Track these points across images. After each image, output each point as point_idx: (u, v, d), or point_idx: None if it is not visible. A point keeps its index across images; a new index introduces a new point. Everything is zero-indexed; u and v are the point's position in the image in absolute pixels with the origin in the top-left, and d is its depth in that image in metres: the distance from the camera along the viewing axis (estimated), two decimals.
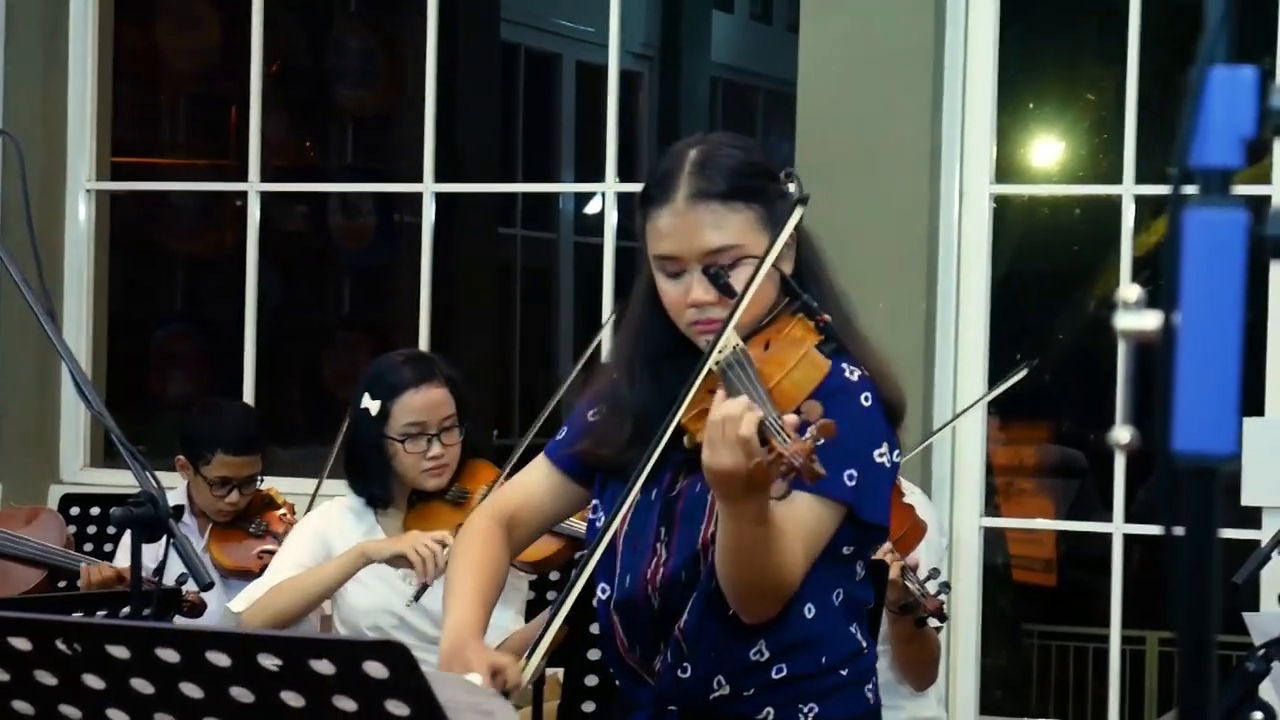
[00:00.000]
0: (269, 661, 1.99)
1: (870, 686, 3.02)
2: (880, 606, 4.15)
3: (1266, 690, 3.60)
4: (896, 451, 2.97)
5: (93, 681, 2.09)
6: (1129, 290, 1.17)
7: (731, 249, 2.88)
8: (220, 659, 2.01)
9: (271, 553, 4.88)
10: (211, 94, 10.74)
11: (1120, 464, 5.57)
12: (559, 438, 3.12)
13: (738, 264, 2.88)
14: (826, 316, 2.89)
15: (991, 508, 5.96)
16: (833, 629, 2.95)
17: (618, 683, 3.08)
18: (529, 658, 2.79)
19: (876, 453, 2.91)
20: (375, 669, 1.96)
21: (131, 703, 2.08)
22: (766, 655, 2.90)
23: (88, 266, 6.58)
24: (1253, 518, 5.24)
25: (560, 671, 4.06)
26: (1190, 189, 1.12)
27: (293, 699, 2.01)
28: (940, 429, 5.34)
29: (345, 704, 2.00)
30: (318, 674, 1.98)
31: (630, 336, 3.05)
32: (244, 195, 6.65)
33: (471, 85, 11.37)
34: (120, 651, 2.05)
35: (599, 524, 2.98)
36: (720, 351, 2.75)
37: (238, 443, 4.94)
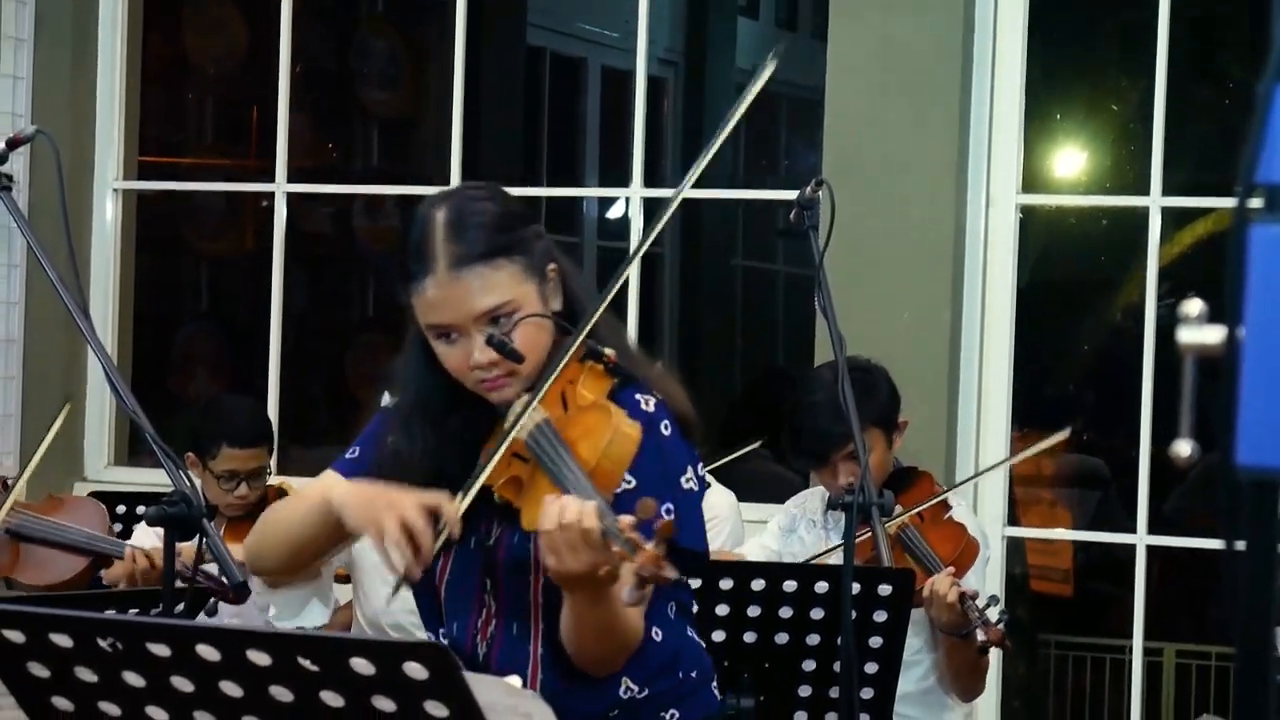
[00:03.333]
0: (309, 661, 2.00)
1: (714, 684, 3.06)
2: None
3: None
4: (700, 465, 2.96)
5: (133, 679, 2.10)
6: (1191, 304, 1.18)
7: (505, 305, 2.85)
8: (261, 658, 2.02)
9: None
10: (237, 95, 10.76)
11: (1144, 476, 5.56)
12: (350, 456, 3.05)
13: (516, 323, 2.85)
14: (612, 354, 2.87)
15: (1012, 518, 5.95)
16: (680, 642, 2.98)
17: None
18: (463, 496, 2.77)
19: (684, 479, 2.91)
20: (415, 670, 1.97)
21: (171, 700, 2.09)
22: (635, 689, 2.93)
23: (114, 265, 6.60)
24: None
25: None
26: (1255, 203, 1.13)
27: (332, 699, 2.02)
28: (962, 483, 5.27)
29: (384, 704, 2.00)
30: (357, 674, 1.99)
31: (405, 394, 3.00)
32: (269, 196, 6.67)
33: (496, 89, 11.37)
34: (161, 649, 2.06)
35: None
36: (520, 424, 2.75)
37: (241, 435, 4.99)
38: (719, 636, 3.94)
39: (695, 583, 3.63)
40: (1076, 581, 8.51)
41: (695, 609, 3.13)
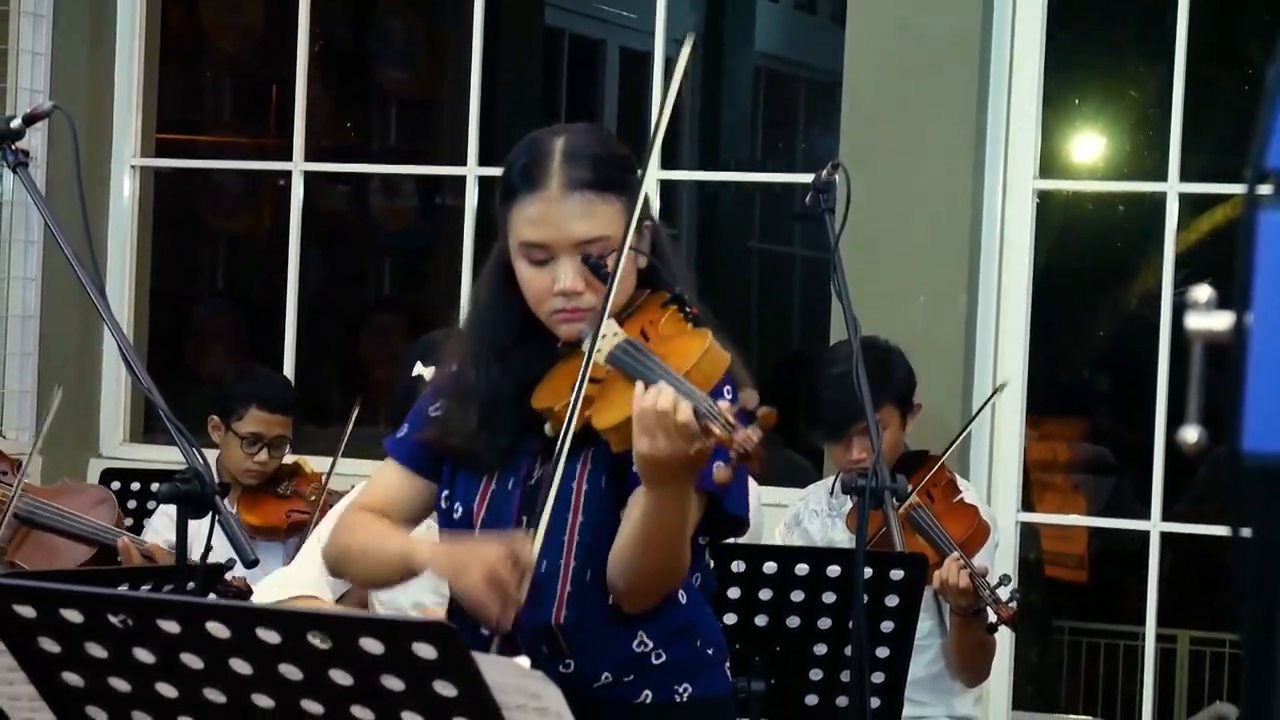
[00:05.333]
0: (318, 639, 2.00)
1: (727, 665, 3.08)
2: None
3: None
4: None
5: (143, 655, 2.10)
6: (1199, 290, 1.17)
7: (600, 240, 2.88)
8: (270, 636, 2.02)
9: (301, 512, 4.92)
10: (256, 73, 10.76)
11: (1159, 463, 5.55)
12: (399, 435, 3.11)
13: (604, 256, 2.88)
14: (696, 310, 2.90)
15: (1026, 503, 5.94)
16: (701, 612, 3.02)
17: None
18: (534, 531, 2.79)
19: None
20: (424, 649, 1.97)
21: (181, 677, 2.10)
22: (650, 645, 2.94)
23: (131, 242, 6.61)
24: None
25: None
26: (1264, 189, 1.12)
27: (341, 677, 2.02)
28: (948, 450, 5.30)
29: (393, 683, 2.01)
30: (366, 653, 1.99)
31: (476, 326, 3.05)
32: (286, 174, 6.67)
33: (514, 69, 11.37)
34: (171, 626, 2.06)
35: (456, 514, 2.99)
36: (603, 338, 2.76)
37: (272, 400, 5.06)
38: (731, 619, 3.95)
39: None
40: (1091, 568, 8.51)
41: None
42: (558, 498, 2.87)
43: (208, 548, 3.09)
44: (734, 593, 3.96)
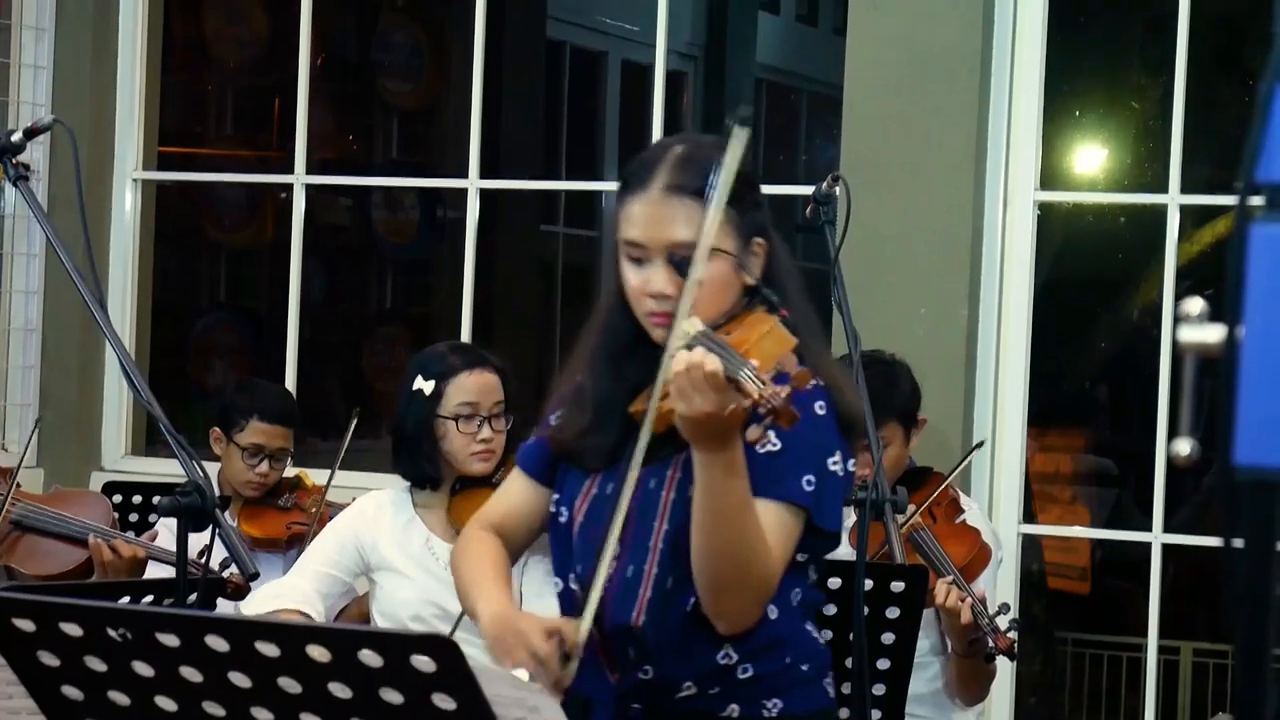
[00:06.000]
0: (317, 652, 2.00)
1: (828, 681, 3.07)
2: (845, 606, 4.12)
3: None
4: (851, 461, 3.00)
5: (142, 669, 2.10)
6: (1191, 303, 1.18)
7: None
8: (269, 649, 2.02)
9: (302, 524, 4.92)
10: (258, 86, 10.78)
11: (1160, 474, 5.55)
12: (527, 444, 3.16)
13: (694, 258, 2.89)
14: (785, 311, 2.91)
15: (1028, 515, 5.94)
16: (795, 629, 3.00)
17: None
18: (581, 618, 2.81)
19: (830, 460, 2.94)
20: (423, 662, 1.97)
21: (180, 691, 2.10)
22: (735, 658, 2.94)
23: (133, 255, 6.61)
24: None
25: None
26: (1256, 202, 1.13)
27: (340, 690, 2.02)
28: (953, 471, 5.30)
29: (392, 696, 2.00)
30: (366, 666, 1.99)
31: (595, 329, 3.08)
32: (288, 187, 6.68)
33: (516, 82, 11.38)
34: (170, 640, 2.06)
35: (561, 518, 3.02)
36: (686, 335, 2.77)
37: (274, 412, 5.06)
38: None
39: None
40: (1094, 579, 8.51)
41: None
42: (645, 503, 2.91)
43: (207, 561, 3.10)
44: None
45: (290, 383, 6.38)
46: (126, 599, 3.50)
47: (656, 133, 6.10)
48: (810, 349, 2.94)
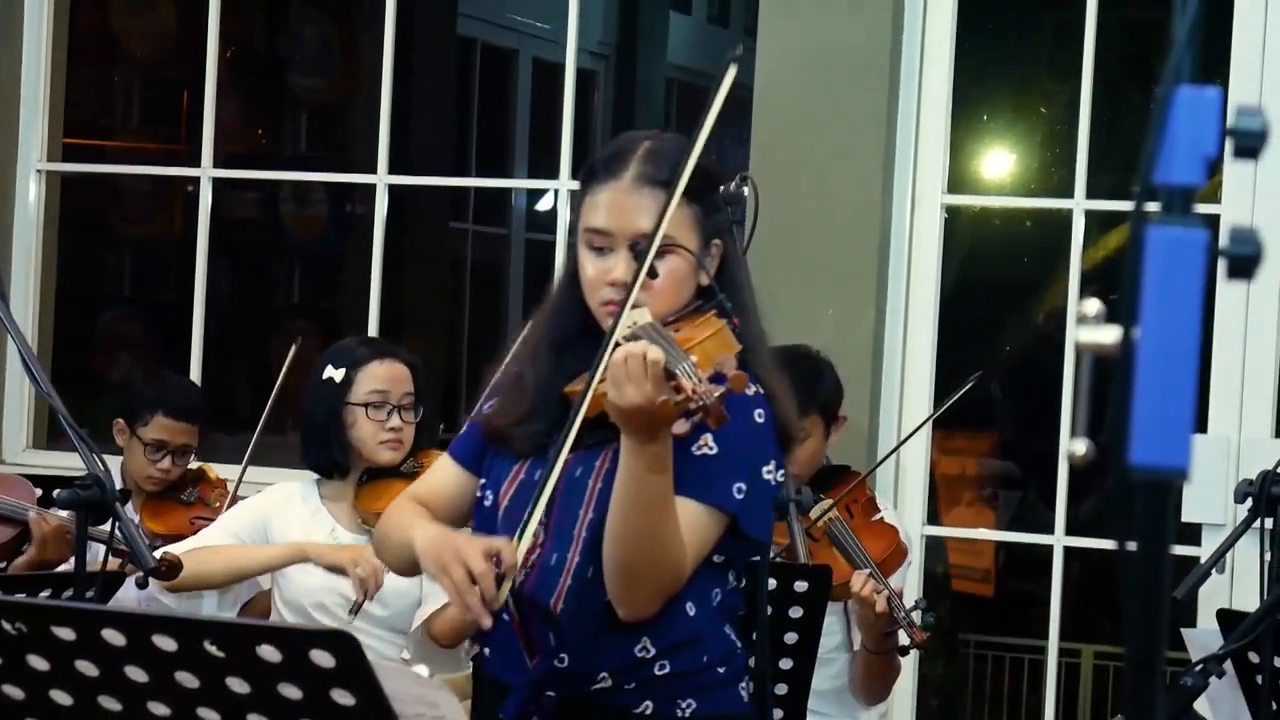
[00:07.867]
0: (215, 647, 1.99)
1: (744, 685, 3.08)
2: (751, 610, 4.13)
3: (1202, 706, 3.63)
4: (782, 471, 3.02)
5: (37, 663, 2.08)
6: (1088, 304, 1.18)
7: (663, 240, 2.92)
8: (166, 643, 2.01)
9: (205, 519, 4.90)
10: (166, 78, 10.71)
11: (1063, 476, 5.59)
12: (460, 434, 3.18)
13: (664, 255, 2.93)
14: (737, 321, 2.93)
15: (933, 516, 5.97)
16: (713, 629, 3.01)
17: (485, 670, 3.09)
18: (519, 537, 2.83)
19: (765, 469, 2.97)
20: (322, 658, 1.96)
21: (77, 685, 2.08)
22: (652, 652, 2.95)
23: (36, 246, 6.55)
24: (1193, 534, 5.27)
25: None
26: (1152, 206, 1.13)
27: (238, 685, 2.01)
28: (891, 452, 5.32)
29: (291, 692, 2.00)
30: (264, 661, 1.98)
31: (541, 319, 3.12)
32: (195, 180, 6.63)
33: (427, 78, 11.35)
34: (66, 633, 2.04)
35: (486, 502, 3.04)
36: (632, 326, 2.80)
37: (178, 408, 5.04)
38: None
39: None
40: (997, 581, 8.55)
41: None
42: (571, 491, 2.93)
43: (108, 555, 3.07)
44: None
45: (195, 376, 6.33)
46: (22, 595, 3.47)
47: (567, 131, 6.09)
48: (756, 358, 2.97)
